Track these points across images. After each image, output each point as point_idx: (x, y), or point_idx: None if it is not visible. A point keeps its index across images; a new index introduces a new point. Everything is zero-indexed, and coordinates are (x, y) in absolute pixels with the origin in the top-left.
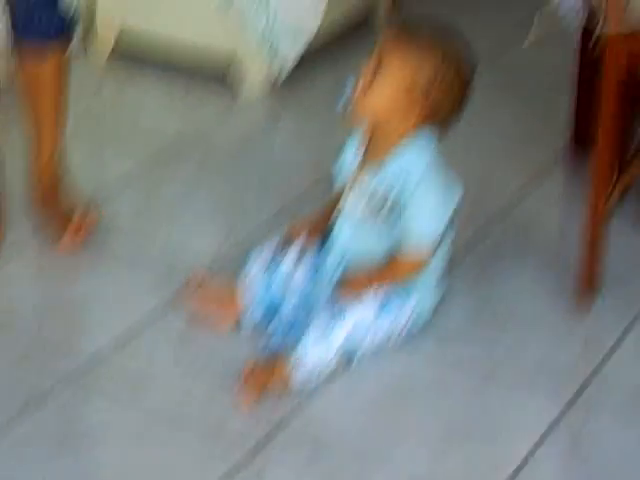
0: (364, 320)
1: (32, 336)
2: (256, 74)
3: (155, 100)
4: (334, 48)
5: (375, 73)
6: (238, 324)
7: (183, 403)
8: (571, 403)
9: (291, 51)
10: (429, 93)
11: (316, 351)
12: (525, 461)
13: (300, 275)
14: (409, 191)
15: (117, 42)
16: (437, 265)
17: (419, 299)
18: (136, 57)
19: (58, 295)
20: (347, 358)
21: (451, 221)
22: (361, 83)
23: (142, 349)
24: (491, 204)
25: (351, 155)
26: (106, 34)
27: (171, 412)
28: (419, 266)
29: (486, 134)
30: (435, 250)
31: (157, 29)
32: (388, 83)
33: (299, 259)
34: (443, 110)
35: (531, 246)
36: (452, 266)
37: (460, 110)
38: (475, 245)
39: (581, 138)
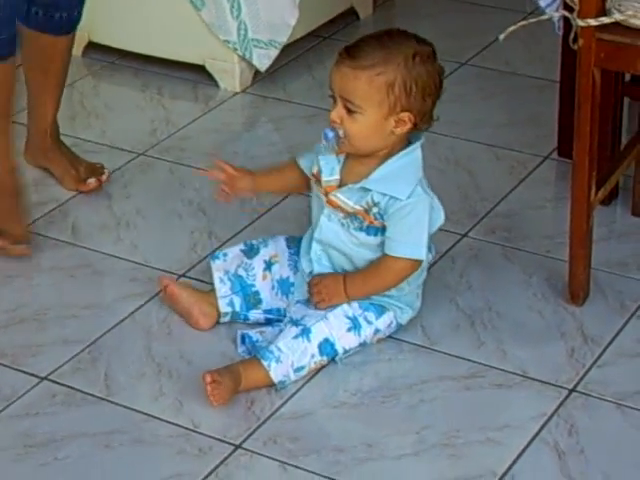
0: (333, 336)
1: None
2: (233, 70)
3: (130, 95)
4: (317, 38)
5: (344, 110)
6: (216, 320)
7: (157, 401)
8: (565, 400)
9: (269, 48)
10: (406, 95)
11: (296, 346)
12: (519, 457)
13: (277, 267)
14: (401, 204)
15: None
16: (417, 279)
17: (397, 311)
18: (112, 51)
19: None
20: (329, 357)
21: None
22: (338, 129)
23: (117, 346)
24: (480, 206)
25: (325, 162)
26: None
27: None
28: (412, 268)
29: (473, 135)
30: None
31: (125, 44)
32: (361, 111)
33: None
34: (422, 110)
35: (520, 247)
36: (441, 268)
37: (436, 100)
38: (463, 247)
39: (567, 137)
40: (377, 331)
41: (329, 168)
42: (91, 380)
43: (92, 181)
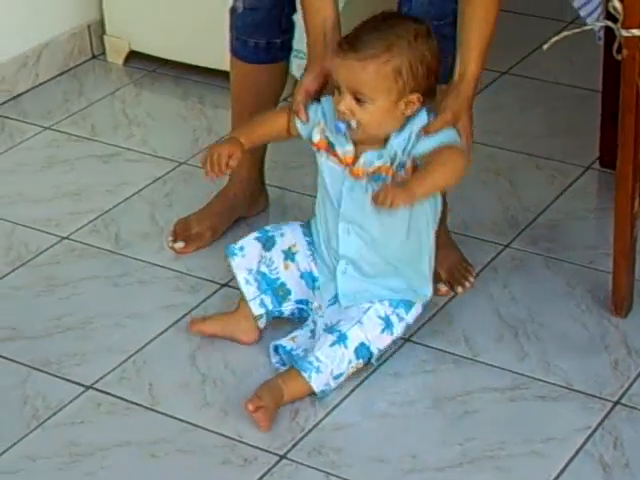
0: (368, 340)
1: None
2: None
3: (171, 104)
4: None
5: (353, 101)
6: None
7: (202, 411)
8: (609, 412)
9: None
10: (413, 77)
11: (333, 354)
12: (563, 470)
13: (299, 257)
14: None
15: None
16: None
17: (417, 291)
18: (152, 59)
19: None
20: (365, 360)
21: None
22: (350, 120)
23: (161, 356)
24: (521, 217)
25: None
26: (116, 53)
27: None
28: (464, 155)
29: (514, 145)
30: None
31: (165, 52)
32: (371, 100)
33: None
34: (428, 87)
35: (563, 258)
36: (484, 278)
37: (438, 75)
38: (506, 258)
39: (610, 148)
40: (407, 325)
41: (340, 140)
42: (136, 389)
43: None
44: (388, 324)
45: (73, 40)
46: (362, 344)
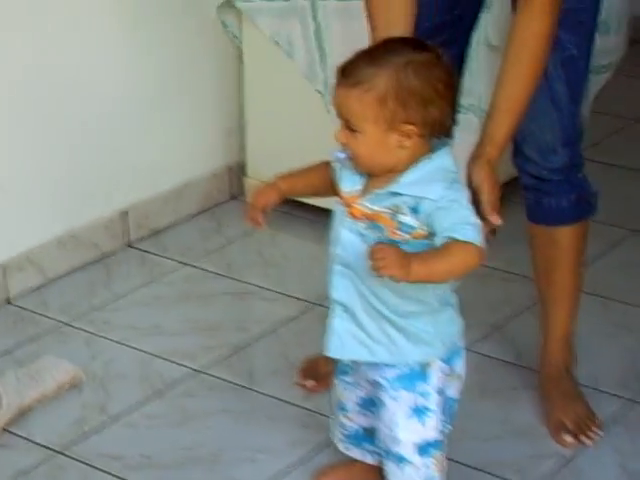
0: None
1: None
2: None
3: (306, 246)
4: None
5: (347, 130)
6: None
7: None
8: None
9: None
10: (402, 107)
11: (407, 476)
12: None
13: None
14: (439, 202)
15: None
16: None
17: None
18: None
19: None
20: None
21: None
22: (347, 150)
23: None
24: None
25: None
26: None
27: None
28: (479, 257)
29: None
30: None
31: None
32: (360, 130)
33: None
34: (428, 120)
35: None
36: (611, 432)
37: (451, 103)
38: (634, 412)
39: None
40: (440, 391)
41: (351, 179)
42: None
43: None
44: (418, 410)
45: (214, 180)
46: (419, 446)
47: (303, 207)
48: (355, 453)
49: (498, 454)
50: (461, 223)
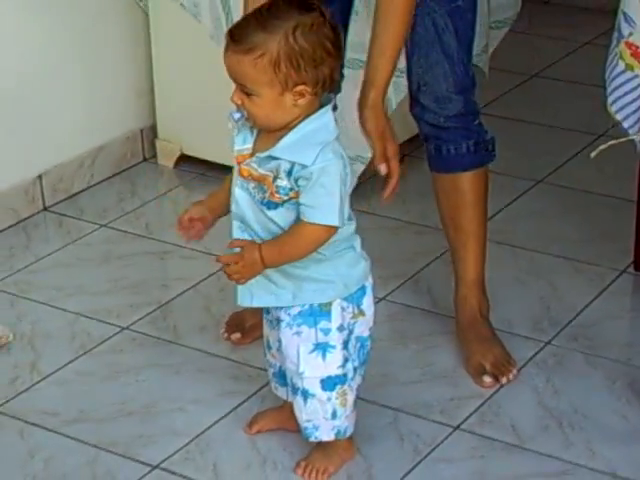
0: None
1: None
2: None
3: None
4: None
5: (242, 91)
6: None
7: None
8: None
9: (355, 163)
10: (295, 70)
11: (312, 407)
12: None
13: None
14: (308, 170)
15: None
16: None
17: (335, 290)
18: (202, 163)
19: None
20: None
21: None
22: (243, 110)
23: (223, 439)
24: (562, 316)
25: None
26: (167, 157)
27: None
28: (326, 234)
29: (552, 249)
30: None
31: (214, 156)
32: (256, 93)
33: None
34: (319, 79)
35: (602, 355)
36: (528, 373)
37: (338, 59)
38: (548, 354)
39: None
40: (341, 328)
41: (241, 138)
42: (200, 469)
43: None
44: (320, 346)
45: (127, 144)
46: (322, 381)
47: (217, 168)
48: (282, 392)
49: (421, 397)
50: (312, 205)
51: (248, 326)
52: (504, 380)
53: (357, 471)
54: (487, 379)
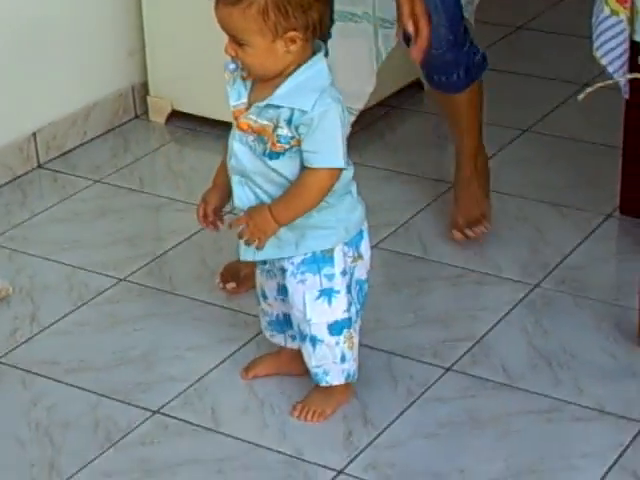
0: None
1: None
2: None
3: (213, 159)
4: (386, 107)
5: (235, 44)
6: None
7: (262, 432)
8: (636, 437)
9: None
10: (284, 16)
11: (322, 353)
12: None
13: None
14: (308, 116)
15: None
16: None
17: (338, 235)
18: (193, 119)
19: None
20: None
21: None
22: (238, 61)
23: (220, 384)
24: (549, 259)
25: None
26: (158, 113)
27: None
28: (332, 178)
29: (539, 196)
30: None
31: (206, 111)
32: (248, 43)
33: None
34: (309, 24)
35: (590, 296)
36: (517, 314)
37: (327, 3)
38: (537, 296)
39: (631, 196)
40: (344, 273)
41: (236, 94)
42: (199, 413)
43: None
44: (325, 292)
45: (119, 101)
46: (329, 326)
47: (208, 123)
48: (279, 339)
49: (414, 340)
50: (315, 151)
51: (242, 275)
52: (470, 233)
53: (352, 412)
54: (457, 234)
